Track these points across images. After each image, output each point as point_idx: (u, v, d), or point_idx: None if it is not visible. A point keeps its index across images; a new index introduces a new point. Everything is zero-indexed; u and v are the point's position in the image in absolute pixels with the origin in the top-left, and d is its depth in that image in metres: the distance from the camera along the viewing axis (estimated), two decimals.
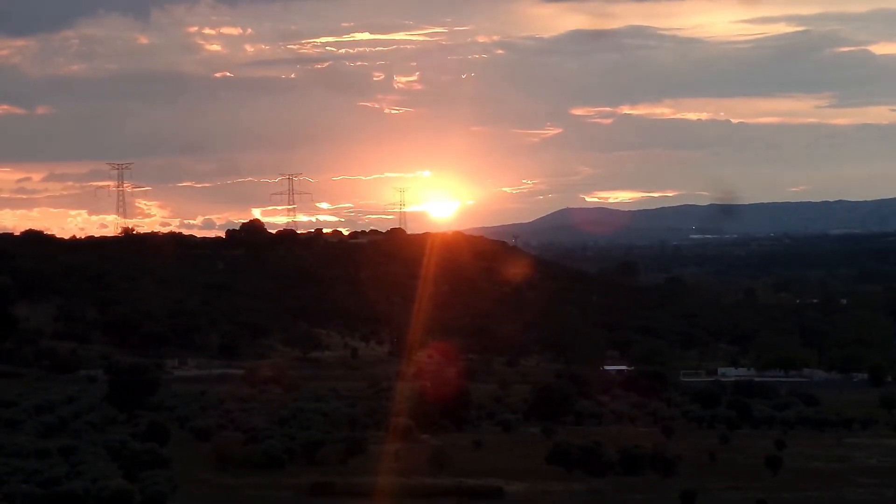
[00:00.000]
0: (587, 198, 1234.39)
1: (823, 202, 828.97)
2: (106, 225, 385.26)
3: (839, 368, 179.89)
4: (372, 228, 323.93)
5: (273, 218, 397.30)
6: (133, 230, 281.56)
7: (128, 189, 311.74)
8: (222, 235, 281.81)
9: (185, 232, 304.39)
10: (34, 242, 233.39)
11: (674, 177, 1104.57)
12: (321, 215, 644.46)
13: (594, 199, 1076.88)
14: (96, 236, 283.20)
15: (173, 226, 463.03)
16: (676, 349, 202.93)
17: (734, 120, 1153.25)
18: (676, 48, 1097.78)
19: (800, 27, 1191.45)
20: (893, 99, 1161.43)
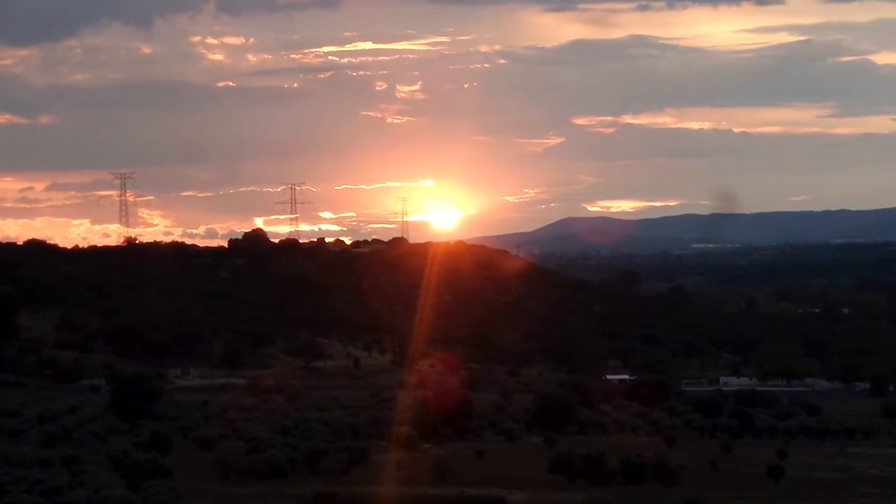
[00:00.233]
0: (589, 207, 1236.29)
1: (825, 211, 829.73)
2: (109, 234, 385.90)
3: (841, 378, 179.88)
4: (374, 238, 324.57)
5: (275, 227, 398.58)
6: (136, 239, 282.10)
7: (130, 198, 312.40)
8: (225, 245, 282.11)
9: (188, 241, 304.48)
10: (37, 252, 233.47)
11: (676, 186, 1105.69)
12: (324, 224, 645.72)
13: (596, 209, 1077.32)
14: (99, 246, 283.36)
15: (176, 235, 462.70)
16: (678, 358, 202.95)
17: (736, 129, 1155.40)
18: (678, 57, 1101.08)
19: (802, 37, 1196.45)
20: (895, 108, 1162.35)
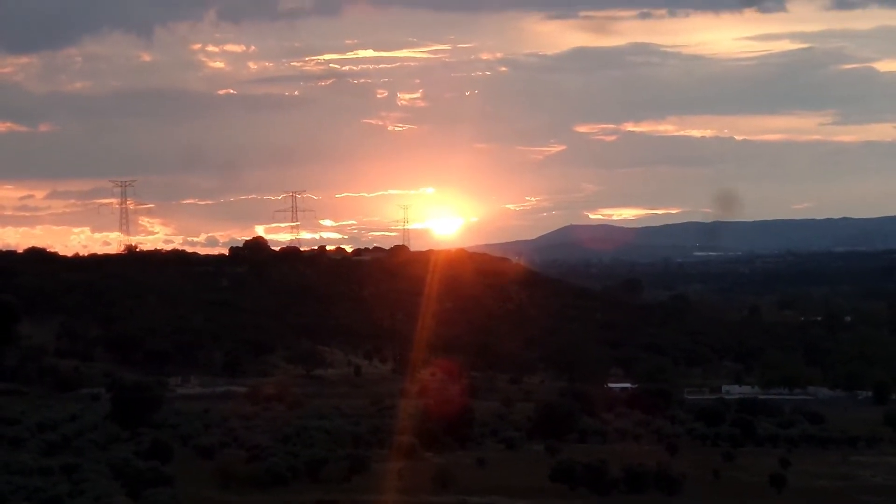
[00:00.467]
0: (591, 215, 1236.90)
1: (827, 219, 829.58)
2: (109, 242, 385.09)
3: (843, 386, 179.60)
4: (375, 245, 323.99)
5: (276, 235, 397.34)
6: (136, 247, 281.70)
7: (131, 206, 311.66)
8: (225, 253, 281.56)
9: (189, 249, 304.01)
10: (37, 260, 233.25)
11: (678, 194, 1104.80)
12: (325, 232, 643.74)
13: (598, 216, 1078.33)
14: (99, 254, 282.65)
15: (176, 243, 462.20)
16: (680, 367, 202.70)
17: (738, 137, 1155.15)
18: (680, 65, 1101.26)
19: (804, 44, 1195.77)
20: None
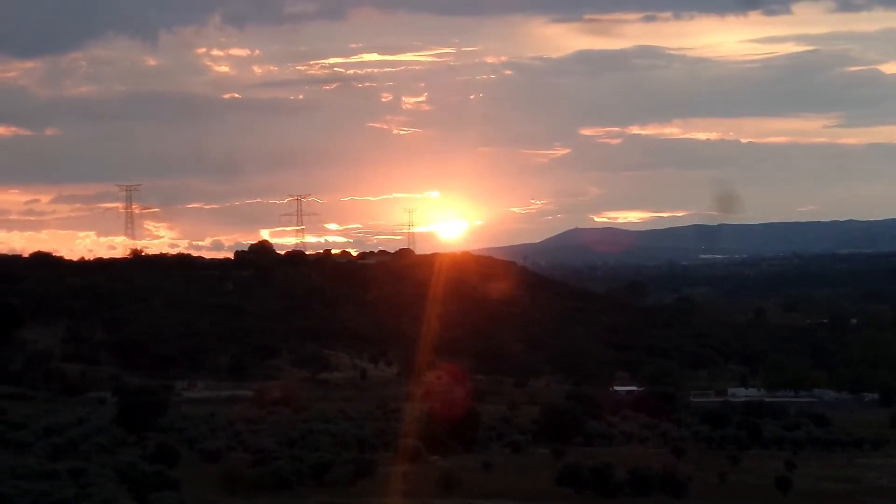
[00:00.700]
0: (596, 218, 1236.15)
1: (833, 222, 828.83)
2: (114, 246, 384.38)
3: (849, 388, 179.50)
4: (380, 249, 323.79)
5: (282, 239, 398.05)
6: (142, 252, 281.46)
7: (136, 210, 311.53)
8: (231, 257, 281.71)
9: (194, 253, 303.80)
10: (42, 264, 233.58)
11: (683, 197, 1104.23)
12: (330, 236, 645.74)
13: (603, 219, 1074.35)
14: (105, 258, 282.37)
15: (182, 247, 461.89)
16: (686, 369, 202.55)
17: (743, 140, 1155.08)
18: (685, 68, 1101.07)
19: (809, 47, 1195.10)
20: None
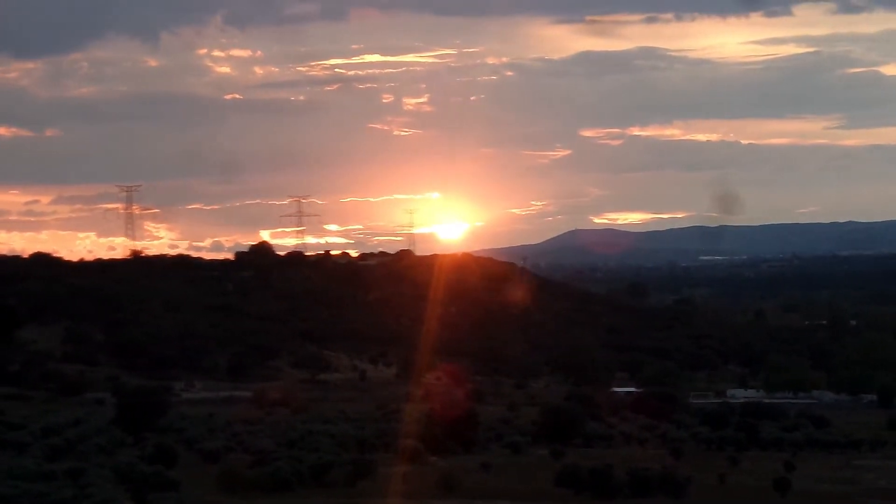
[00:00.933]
0: (596, 219, 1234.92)
1: (833, 223, 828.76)
2: (114, 247, 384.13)
3: (848, 390, 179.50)
4: (381, 250, 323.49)
5: (282, 240, 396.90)
6: (141, 252, 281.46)
7: (136, 211, 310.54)
8: (231, 257, 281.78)
9: (194, 254, 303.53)
10: (42, 265, 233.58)
11: (683, 198, 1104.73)
12: (330, 237, 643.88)
13: (603, 221, 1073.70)
14: (105, 259, 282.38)
15: (182, 248, 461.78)
16: (685, 371, 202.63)
17: (744, 141, 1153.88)
18: (686, 69, 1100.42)
19: (810, 48, 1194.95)
20: None
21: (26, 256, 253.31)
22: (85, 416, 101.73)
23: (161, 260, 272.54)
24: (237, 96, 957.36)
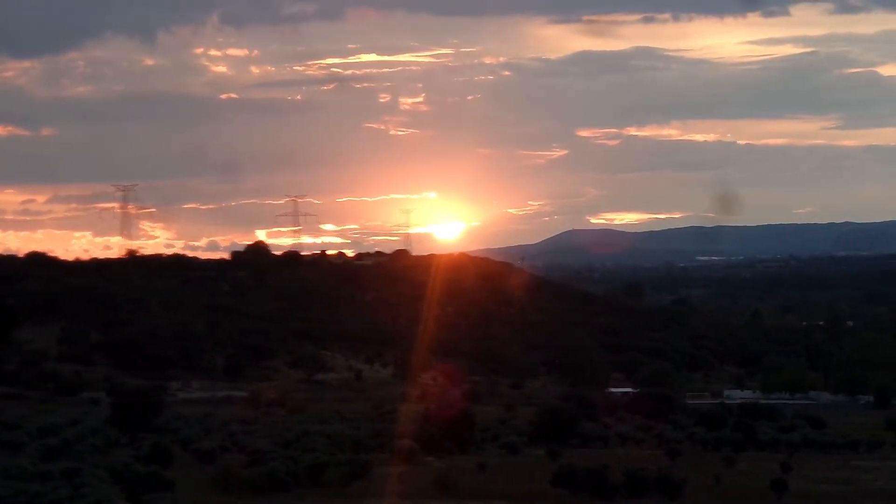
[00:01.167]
0: (593, 219, 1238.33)
1: (830, 224, 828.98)
2: (110, 247, 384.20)
3: (845, 390, 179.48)
4: (377, 250, 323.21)
5: (278, 240, 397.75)
6: (137, 252, 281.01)
7: (132, 211, 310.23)
8: (227, 257, 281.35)
9: (190, 254, 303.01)
10: (38, 264, 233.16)
11: (680, 198, 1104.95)
12: (326, 237, 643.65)
13: (600, 221, 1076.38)
14: (100, 258, 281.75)
15: (178, 247, 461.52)
16: (682, 371, 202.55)
17: (741, 141, 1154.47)
18: (683, 70, 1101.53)
19: (807, 48, 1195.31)
20: None
21: (22, 256, 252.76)
22: (81, 416, 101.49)
23: (157, 259, 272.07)
24: (234, 96, 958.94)
